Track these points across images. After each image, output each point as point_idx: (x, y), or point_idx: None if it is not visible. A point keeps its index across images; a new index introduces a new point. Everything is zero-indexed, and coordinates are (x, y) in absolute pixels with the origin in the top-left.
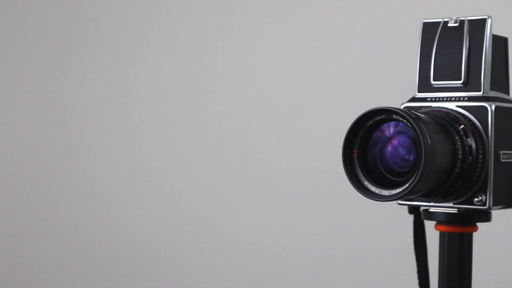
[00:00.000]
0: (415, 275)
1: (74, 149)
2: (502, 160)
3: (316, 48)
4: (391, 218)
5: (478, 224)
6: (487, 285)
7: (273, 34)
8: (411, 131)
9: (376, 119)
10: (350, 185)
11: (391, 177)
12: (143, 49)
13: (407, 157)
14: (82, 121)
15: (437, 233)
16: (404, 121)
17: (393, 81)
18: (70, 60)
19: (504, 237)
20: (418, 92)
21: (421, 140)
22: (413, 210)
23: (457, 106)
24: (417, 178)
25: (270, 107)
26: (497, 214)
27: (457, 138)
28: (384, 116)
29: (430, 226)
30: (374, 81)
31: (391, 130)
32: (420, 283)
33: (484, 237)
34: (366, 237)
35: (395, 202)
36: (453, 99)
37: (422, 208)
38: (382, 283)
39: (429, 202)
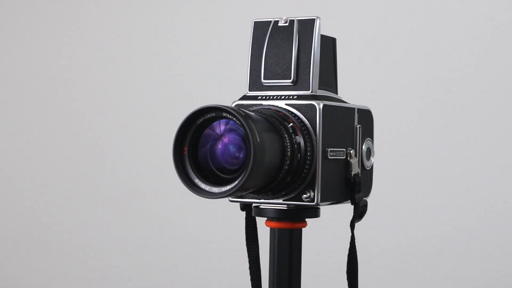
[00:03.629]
0: (247, 271)
1: None
2: (329, 157)
3: (147, 47)
4: (224, 215)
5: (307, 220)
6: (316, 279)
7: (111, 33)
8: (241, 129)
9: (206, 117)
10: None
11: (221, 175)
12: None
13: (237, 154)
14: None
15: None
16: (234, 119)
17: (225, 80)
18: None
19: (332, 232)
20: (249, 90)
21: (250, 138)
22: (245, 207)
23: (286, 104)
24: (246, 176)
25: (102, 106)
26: (325, 210)
27: (286, 136)
28: (214, 114)
29: (263, 222)
30: (206, 79)
31: (222, 128)
32: (252, 279)
33: (313, 233)
34: (199, 234)
35: (227, 199)
36: (282, 97)
37: (253, 204)
38: (215, 279)
39: (260, 199)
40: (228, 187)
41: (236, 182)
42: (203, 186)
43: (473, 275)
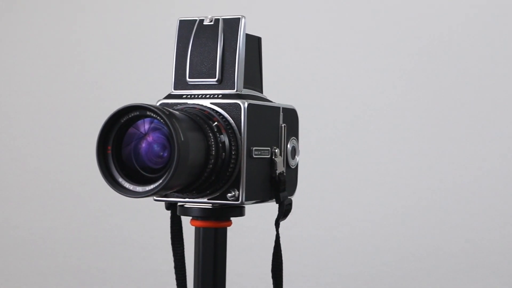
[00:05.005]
0: (173, 270)
1: None
2: (254, 156)
3: (71, 46)
4: (148, 214)
5: (232, 218)
6: (241, 278)
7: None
8: (165, 128)
9: (130, 116)
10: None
11: (145, 174)
12: None
13: (162, 153)
14: None
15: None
16: (158, 118)
17: (150, 78)
18: None
19: (257, 231)
20: (174, 89)
21: (174, 136)
22: (170, 206)
23: (211, 103)
24: (170, 175)
25: (24, 105)
26: (250, 208)
27: (210, 134)
28: (138, 113)
29: (188, 222)
30: (130, 78)
31: (146, 126)
32: (177, 278)
33: (238, 231)
34: (124, 233)
35: (152, 198)
36: (207, 96)
37: (178, 204)
38: (140, 278)
39: (185, 198)
40: (152, 186)
41: (160, 181)
42: (127, 185)
43: (398, 272)
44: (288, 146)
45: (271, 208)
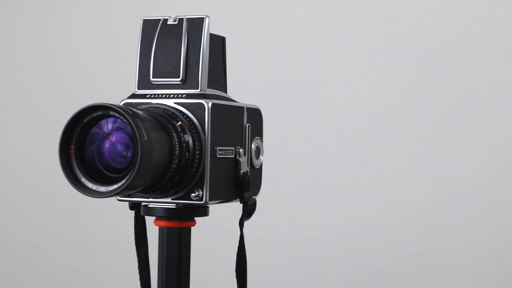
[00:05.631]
0: (137, 270)
1: None
2: (218, 156)
3: (34, 45)
4: (112, 215)
5: (196, 218)
6: (206, 278)
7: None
8: (129, 127)
9: (93, 115)
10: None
11: (108, 174)
12: None
13: (125, 153)
14: None
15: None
16: (121, 117)
17: (113, 78)
18: None
19: (221, 231)
20: (138, 89)
21: (138, 136)
22: (133, 206)
23: (175, 103)
24: (133, 174)
25: None
26: (214, 208)
27: (174, 134)
28: (101, 113)
29: (152, 222)
30: (94, 77)
31: (109, 126)
32: (141, 278)
33: (202, 231)
34: (87, 233)
35: (115, 198)
36: (171, 96)
37: (142, 204)
38: (104, 279)
39: (148, 198)
40: (115, 186)
41: (124, 181)
42: (90, 185)
43: (367, 271)
44: (252, 146)
45: (235, 208)
